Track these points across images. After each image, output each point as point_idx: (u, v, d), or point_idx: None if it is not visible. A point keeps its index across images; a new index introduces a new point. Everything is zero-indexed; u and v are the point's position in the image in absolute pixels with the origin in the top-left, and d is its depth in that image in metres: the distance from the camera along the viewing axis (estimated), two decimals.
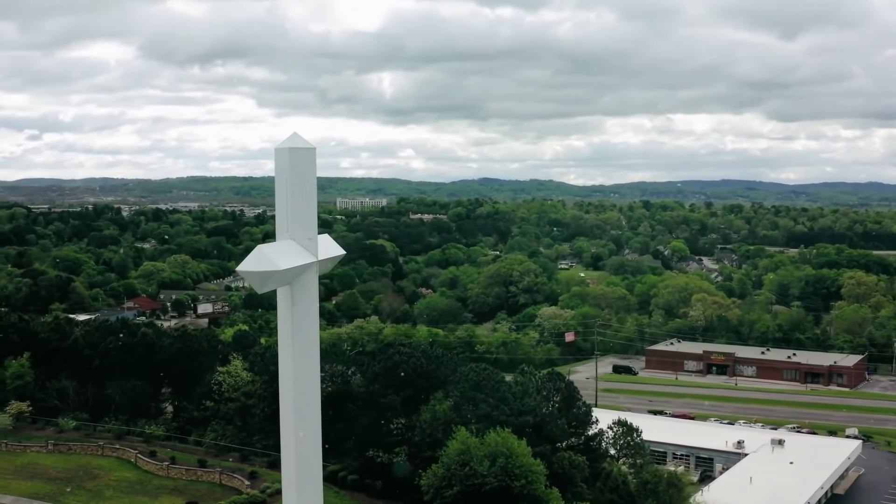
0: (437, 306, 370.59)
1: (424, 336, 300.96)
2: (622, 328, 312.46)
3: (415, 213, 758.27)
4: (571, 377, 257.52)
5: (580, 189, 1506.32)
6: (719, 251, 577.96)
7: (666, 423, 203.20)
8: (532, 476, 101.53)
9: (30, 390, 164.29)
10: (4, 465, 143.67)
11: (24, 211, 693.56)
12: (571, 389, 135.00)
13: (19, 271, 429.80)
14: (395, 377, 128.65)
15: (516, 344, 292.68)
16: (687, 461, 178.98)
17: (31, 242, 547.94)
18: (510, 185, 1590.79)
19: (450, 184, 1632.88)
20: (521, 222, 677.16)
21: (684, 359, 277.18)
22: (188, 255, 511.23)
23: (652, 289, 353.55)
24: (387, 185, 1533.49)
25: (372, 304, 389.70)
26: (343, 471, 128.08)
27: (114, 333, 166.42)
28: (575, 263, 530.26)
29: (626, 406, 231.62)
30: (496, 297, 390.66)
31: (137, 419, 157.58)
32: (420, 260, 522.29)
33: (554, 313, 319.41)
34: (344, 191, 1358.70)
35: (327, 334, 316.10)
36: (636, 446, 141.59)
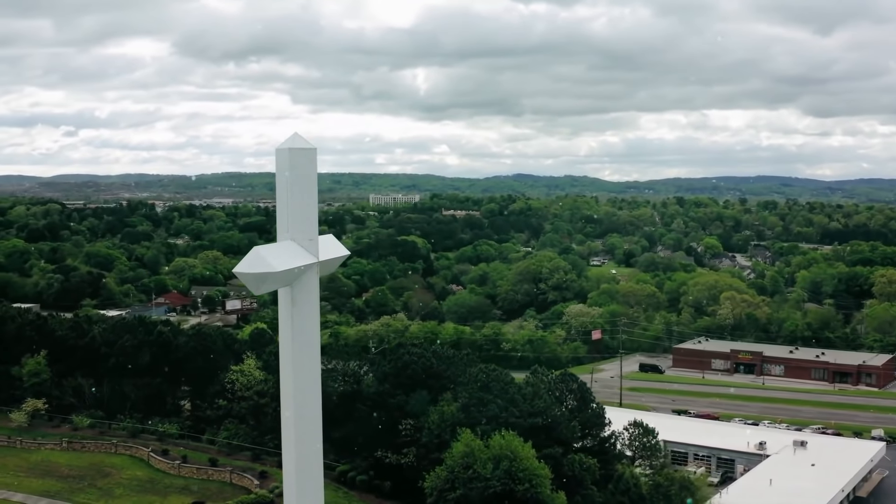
0: (466, 303, 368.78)
1: (450, 333, 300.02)
2: (650, 326, 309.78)
3: (447, 209, 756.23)
4: (597, 375, 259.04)
5: (614, 185, 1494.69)
6: (753, 248, 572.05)
7: (689, 423, 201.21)
8: (537, 480, 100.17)
9: (46, 388, 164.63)
10: (18, 462, 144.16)
11: (59, 207, 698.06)
12: (584, 390, 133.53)
13: (51, 267, 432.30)
14: (405, 377, 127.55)
15: (542, 342, 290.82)
16: (708, 462, 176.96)
17: (65, 238, 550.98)
18: (544, 181, 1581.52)
19: (484, 180, 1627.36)
20: (553, 219, 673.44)
21: (712, 357, 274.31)
22: (220, 251, 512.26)
23: (682, 286, 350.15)
24: (421, 181, 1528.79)
25: (401, 301, 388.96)
26: (353, 471, 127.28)
27: (130, 331, 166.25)
28: (607, 260, 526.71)
29: (651, 405, 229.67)
30: (525, 295, 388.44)
31: (152, 417, 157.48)
32: (451, 256, 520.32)
33: (581, 311, 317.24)
34: (378, 187, 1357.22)
35: (354, 331, 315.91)
36: (652, 448, 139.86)
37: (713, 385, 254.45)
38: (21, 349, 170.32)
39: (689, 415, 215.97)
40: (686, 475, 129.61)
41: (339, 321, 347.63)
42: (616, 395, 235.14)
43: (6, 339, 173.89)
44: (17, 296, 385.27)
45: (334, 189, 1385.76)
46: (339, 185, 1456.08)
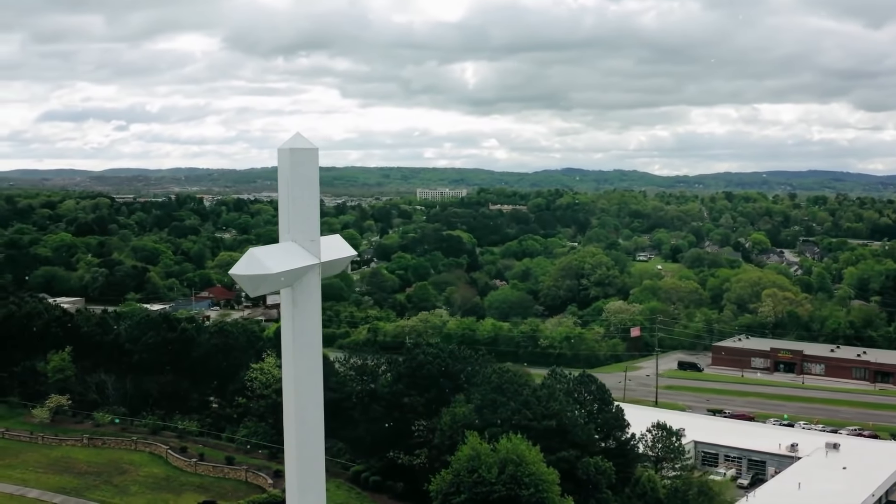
0: (508, 299, 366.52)
1: (488, 330, 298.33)
2: (690, 324, 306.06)
3: (494, 203, 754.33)
4: (634, 374, 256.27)
5: (664, 179, 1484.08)
6: (801, 244, 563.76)
7: (722, 423, 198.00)
8: (543, 485, 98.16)
9: (71, 384, 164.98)
10: (38, 458, 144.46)
11: (108, 201, 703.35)
12: (603, 392, 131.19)
13: (97, 261, 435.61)
14: (420, 377, 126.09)
15: (580, 339, 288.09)
16: (739, 464, 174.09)
17: (113, 232, 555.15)
18: (593, 176, 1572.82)
19: (533, 174, 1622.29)
20: (600, 213, 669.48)
21: (751, 356, 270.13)
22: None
23: (725, 283, 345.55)
24: (469, 176, 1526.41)
25: (444, 296, 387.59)
26: (366, 472, 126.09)
27: (154, 328, 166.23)
28: (653, 256, 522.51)
29: (687, 404, 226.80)
30: (567, 290, 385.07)
31: (174, 414, 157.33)
32: (496, 251, 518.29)
33: (620, 308, 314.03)
34: (427, 181, 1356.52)
35: (392, 326, 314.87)
36: (676, 450, 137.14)
37: (752, 384, 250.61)
38: (47, 345, 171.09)
39: (724, 414, 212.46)
40: (705, 479, 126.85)
41: (379, 316, 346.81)
42: (653, 393, 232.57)
43: (33, 335, 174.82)
44: (62, 290, 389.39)
45: (383, 183, 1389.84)
46: (388, 180, 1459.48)
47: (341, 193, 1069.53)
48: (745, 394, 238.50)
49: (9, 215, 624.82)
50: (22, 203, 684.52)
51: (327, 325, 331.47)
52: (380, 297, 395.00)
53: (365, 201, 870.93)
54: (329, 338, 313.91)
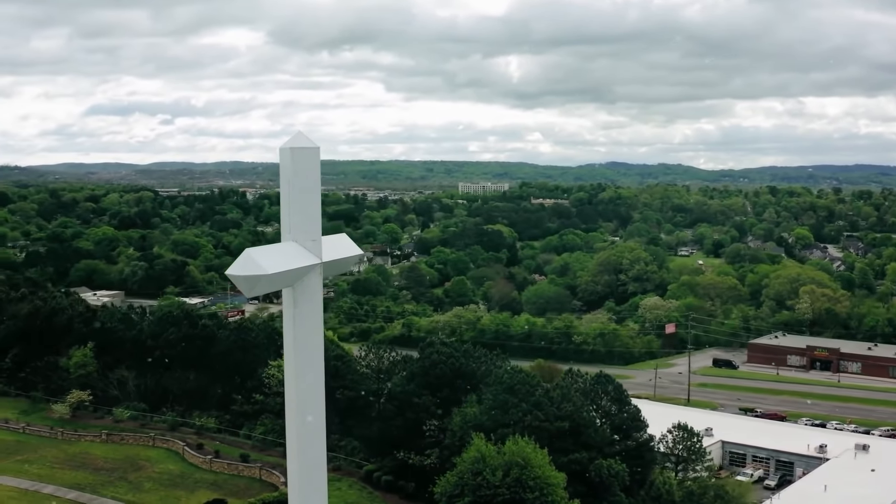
0: (545, 294, 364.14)
1: (522, 325, 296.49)
2: (727, 320, 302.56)
3: (536, 197, 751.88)
4: (667, 371, 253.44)
5: (708, 173, 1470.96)
6: (845, 239, 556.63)
7: (751, 422, 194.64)
8: (548, 488, 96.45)
9: (92, 380, 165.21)
10: (56, 453, 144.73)
11: (151, 195, 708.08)
12: (620, 392, 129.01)
13: (137, 254, 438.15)
14: (433, 377, 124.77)
15: (614, 335, 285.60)
16: (766, 464, 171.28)
17: (155, 226, 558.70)
18: (638, 170, 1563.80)
19: (576, 168, 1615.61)
20: (643, 208, 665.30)
21: (787, 353, 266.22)
22: None
23: (764, 279, 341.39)
24: (513, 169, 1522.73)
25: (481, 291, 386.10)
26: (378, 471, 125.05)
27: (175, 324, 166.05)
28: (696, 250, 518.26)
29: (719, 403, 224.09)
30: (605, 286, 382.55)
31: (193, 411, 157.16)
32: (537, 246, 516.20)
33: (656, 304, 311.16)
34: (470, 174, 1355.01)
35: (427, 322, 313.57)
36: (696, 452, 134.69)
37: (787, 382, 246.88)
38: (70, 340, 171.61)
39: (755, 413, 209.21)
40: (722, 482, 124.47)
41: (415, 311, 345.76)
42: (686, 391, 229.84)
43: (56, 331, 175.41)
44: (102, 283, 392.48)
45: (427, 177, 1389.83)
46: (432, 174, 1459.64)
47: (384, 187, 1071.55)
48: (779, 392, 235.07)
49: (53, 209, 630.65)
50: (66, 197, 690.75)
51: (363, 320, 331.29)
52: (417, 291, 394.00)
53: (407, 195, 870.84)
54: (364, 332, 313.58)
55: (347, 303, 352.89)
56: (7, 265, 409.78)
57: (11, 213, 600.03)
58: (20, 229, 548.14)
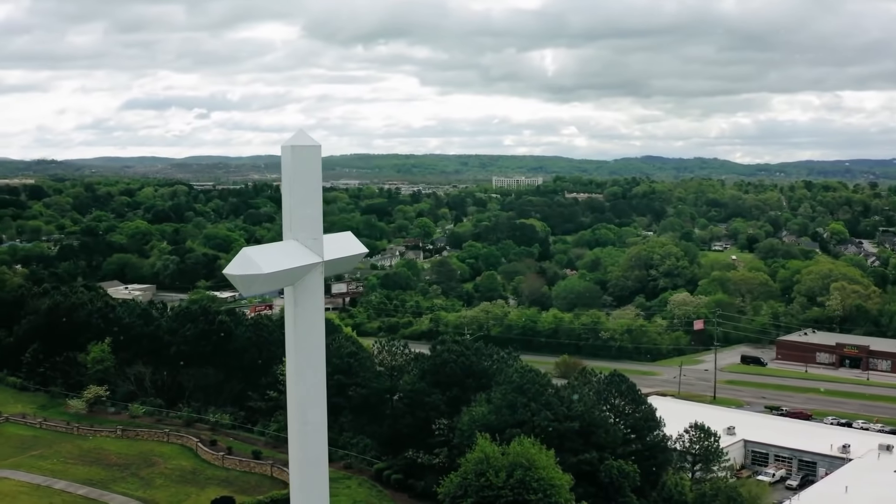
0: (575, 289, 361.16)
1: (550, 321, 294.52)
2: (756, 317, 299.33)
3: (570, 191, 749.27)
4: (695, 367, 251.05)
5: (745, 168, 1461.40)
6: (881, 234, 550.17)
7: (775, 421, 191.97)
8: (552, 490, 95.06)
9: (110, 375, 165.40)
10: (71, 449, 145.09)
11: (186, 188, 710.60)
12: (634, 391, 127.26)
13: (169, 248, 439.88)
14: (443, 375, 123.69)
15: (642, 331, 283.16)
16: (789, 464, 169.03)
17: (189, 220, 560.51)
18: (673, 164, 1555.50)
19: (612, 162, 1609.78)
20: (677, 202, 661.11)
21: (816, 351, 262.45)
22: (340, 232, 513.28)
23: (795, 275, 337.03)
24: (548, 163, 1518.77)
25: (512, 286, 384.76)
26: (388, 470, 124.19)
27: (193, 321, 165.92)
28: (729, 245, 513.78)
29: (746, 400, 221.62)
30: (636, 281, 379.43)
31: (208, 407, 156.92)
32: (569, 240, 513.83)
33: (684, 300, 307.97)
34: (505, 168, 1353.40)
35: (454, 317, 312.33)
36: (712, 452, 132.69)
37: (815, 380, 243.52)
38: (89, 336, 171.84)
39: (781, 412, 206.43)
40: (735, 484, 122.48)
41: (444, 306, 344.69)
42: (712, 388, 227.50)
43: (76, 326, 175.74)
44: (134, 277, 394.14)
45: (461, 171, 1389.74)
46: (466, 167, 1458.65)
47: (419, 181, 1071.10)
48: (806, 390, 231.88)
49: (88, 202, 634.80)
50: (101, 191, 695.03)
51: (392, 315, 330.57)
52: (447, 286, 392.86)
53: (441, 189, 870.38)
54: (392, 327, 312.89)
55: (377, 297, 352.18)
56: (40, 259, 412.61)
57: (46, 206, 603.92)
58: (55, 223, 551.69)
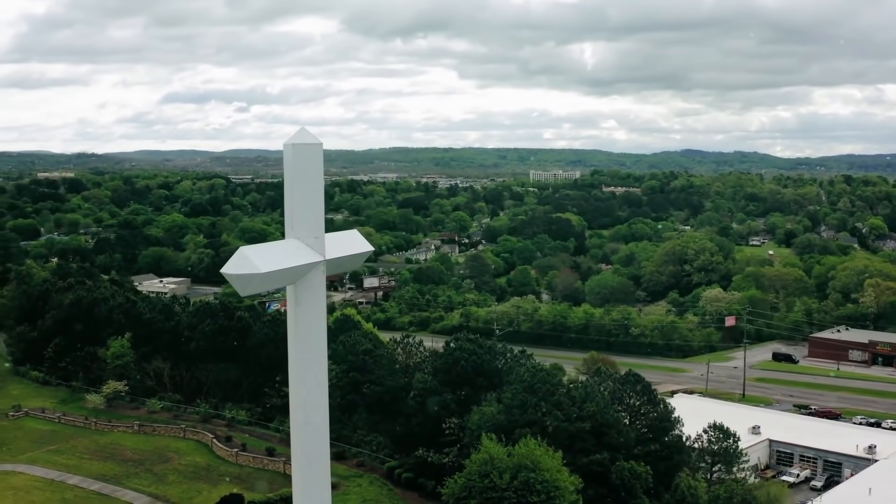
0: (608, 284, 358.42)
1: (580, 317, 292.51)
2: (789, 313, 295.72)
3: (608, 185, 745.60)
4: (726, 364, 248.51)
5: (785, 161, 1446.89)
6: None
7: (802, 420, 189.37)
8: (557, 492, 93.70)
9: (129, 370, 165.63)
10: (88, 444, 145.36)
11: (224, 182, 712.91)
12: (649, 391, 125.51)
13: (204, 241, 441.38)
14: (455, 374, 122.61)
15: (672, 328, 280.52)
16: (814, 465, 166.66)
17: (226, 213, 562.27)
18: (713, 157, 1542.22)
19: (651, 155, 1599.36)
20: (715, 196, 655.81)
21: (849, 348, 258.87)
22: (376, 226, 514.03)
23: (831, 270, 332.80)
24: (587, 157, 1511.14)
25: (546, 280, 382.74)
26: (400, 468, 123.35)
27: (212, 316, 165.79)
28: (767, 240, 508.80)
29: (775, 398, 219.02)
30: (670, 276, 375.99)
31: (226, 403, 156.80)
32: (606, 234, 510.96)
33: (717, 296, 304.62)
34: (544, 162, 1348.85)
35: (485, 312, 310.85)
36: (731, 454, 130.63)
37: (847, 378, 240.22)
38: (110, 331, 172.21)
39: (809, 410, 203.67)
40: (752, 487, 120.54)
41: (477, 300, 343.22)
42: (741, 385, 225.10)
43: (97, 321, 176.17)
44: (169, 270, 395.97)
45: (500, 164, 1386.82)
46: (505, 161, 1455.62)
47: (457, 175, 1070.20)
48: (838, 388, 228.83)
49: (126, 196, 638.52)
50: (140, 184, 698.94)
51: (424, 309, 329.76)
52: (480, 280, 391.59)
53: (479, 182, 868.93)
54: (423, 321, 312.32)
55: (409, 292, 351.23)
56: (77, 252, 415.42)
57: (85, 200, 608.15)
58: (92, 216, 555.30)
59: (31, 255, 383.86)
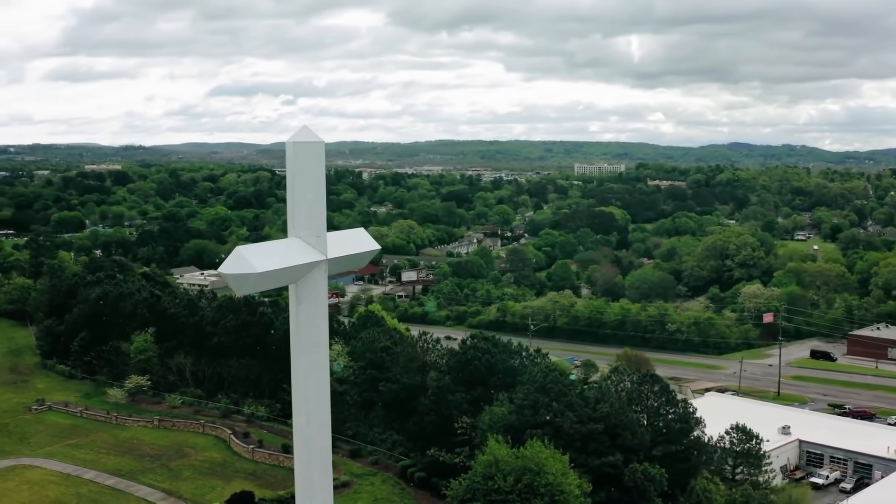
0: (649, 279, 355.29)
1: (616, 312, 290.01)
2: (829, 310, 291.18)
3: (653, 179, 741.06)
4: (762, 362, 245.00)
5: (833, 155, 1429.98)
6: None
7: (834, 421, 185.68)
8: (561, 496, 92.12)
9: (152, 365, 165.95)
10: (107, 438, 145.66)
11: (269, 174, 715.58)
12: (667, 392, 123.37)
13: (245, 234, 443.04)
14: (468, 373, 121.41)
15: (709, 324, 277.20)
16: (844, 466, 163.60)
17: (270, 206, 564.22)
18: (760, 151, 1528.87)
19: (698, 148, 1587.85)
20: (760, 190, 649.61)
21: (888, 346, 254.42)
22: (418, 219, 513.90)
23: (873, 266, 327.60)
24: (633, 150, 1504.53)
25: (586, 274, 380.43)
26: (413, 467, 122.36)
27: (235, 311, 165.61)
28: (813, 235, 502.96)
29: (810, 397, 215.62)
30: (711, 271, 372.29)
31: (247, 398, 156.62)
32: (649, 228, 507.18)
33: (755, 292, 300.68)
34: (590, 155, 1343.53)
35: (521, 306, 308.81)
36: (754, 456, 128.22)
37: (885, 377, 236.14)
38: (134, 326, 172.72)
39: (843, 410, 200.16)
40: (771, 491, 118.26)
41: (515, 295, 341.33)
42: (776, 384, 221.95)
43: (122, 316, 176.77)
44: (211, 263, 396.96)
45: (545, 157, 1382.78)
46: (551, 154, 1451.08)
47: (502, 167, 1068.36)
48: (875, 387, 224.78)
49: (171, 188, 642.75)
50: (185, 176, 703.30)
51: (462, 303, 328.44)
52: (520, 274, 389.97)
53: (524, 176, 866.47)
54: (460, 316, 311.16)
55: (448, 286, 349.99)
56: (120, 244, 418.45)
57: (130, 192, 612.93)
58: (137, 208, 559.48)
59: (74, 247, 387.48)
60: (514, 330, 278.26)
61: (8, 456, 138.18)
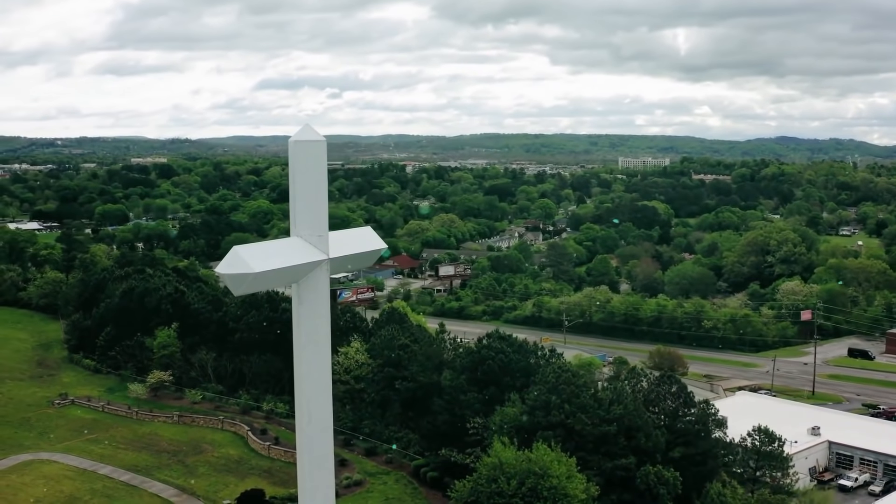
0: (688, 275, 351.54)
1: (652, 308, 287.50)
2: (869, 307, 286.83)
3: (697, 173, 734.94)
4: (799, 360, 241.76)
5: (882, 149, 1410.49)
6: None
7: (866, 422, 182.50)
8: (565, 500, 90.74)
9: (175, 360, 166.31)
10: (126, 433, 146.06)
11: None
12: (685, 393, 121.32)
13: (286, 227, 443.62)
14: (481, 373, 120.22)
15: (746, 321, 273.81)
16: (874, 468, 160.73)
17: None
18: (807, 145, 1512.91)
19: (744, 142, 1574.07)
20: (806, 185, 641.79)
21: None
22: (460, 213, 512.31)
23: None
24: (679, 143, 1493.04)
25: (626, 270, 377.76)
26: (426, 467, 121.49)
27: (257, 308, 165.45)
28: (858, 230, 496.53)
29: (846, 397, 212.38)
30: (752, 267, 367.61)
31: (268, 395, 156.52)
32: (692, 223, 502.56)
33: (793, 288, 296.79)
34: (635, 149, 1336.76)
35: (557, 302, 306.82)
36: (777, 459, 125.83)
37: None
38: (159, 321, 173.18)
39: (877, 410, 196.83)
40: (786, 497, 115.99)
41: (553, 290, 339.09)
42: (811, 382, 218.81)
43: (147, 311, 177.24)
44: None
45: (590, 151, 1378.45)
46: (596, 147, 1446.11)
47: (547, 161, 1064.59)
48: None
49: (215, 181, 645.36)
50: (229, 170, 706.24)
51: (499, 298, 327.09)
52: (558, 269, 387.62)
53: (568, 169, 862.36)
54: (496, 311, 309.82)
55: (486, 280, 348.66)
56: (161, 237, 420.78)
57: (175, 185, 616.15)
58: (181, 202, 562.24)
59: (116, 240, 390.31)
60: (550, 326, 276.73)
61: (27, 450, 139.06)
